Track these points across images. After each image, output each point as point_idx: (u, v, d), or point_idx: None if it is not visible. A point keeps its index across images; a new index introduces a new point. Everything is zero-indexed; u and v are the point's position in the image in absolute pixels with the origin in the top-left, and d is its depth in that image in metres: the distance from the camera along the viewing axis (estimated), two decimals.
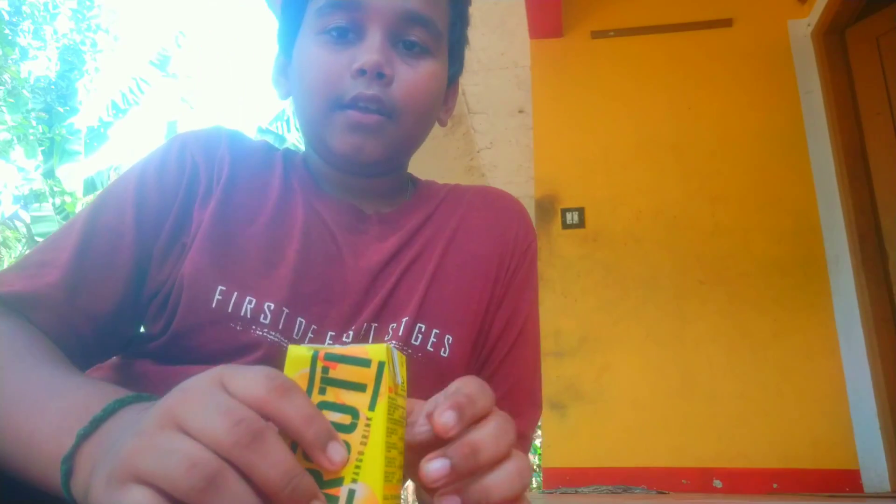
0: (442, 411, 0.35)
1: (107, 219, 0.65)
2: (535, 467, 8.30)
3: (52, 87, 10.36)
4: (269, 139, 8.30)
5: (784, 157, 2.81)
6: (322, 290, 0.66)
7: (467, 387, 0.38)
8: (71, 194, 8.67)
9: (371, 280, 0.68)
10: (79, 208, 8.62)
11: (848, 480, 2.40)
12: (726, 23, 3.02)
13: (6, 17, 10.88)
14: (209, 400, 0.33)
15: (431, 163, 4.19)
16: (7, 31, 10.57)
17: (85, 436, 0.40)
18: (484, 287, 0.72)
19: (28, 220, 8.88)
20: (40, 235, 8.35)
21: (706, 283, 2.72)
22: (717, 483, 2.48)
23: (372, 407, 0.35)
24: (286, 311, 0.63)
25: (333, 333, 0.65)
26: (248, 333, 0.62)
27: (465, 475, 0.35)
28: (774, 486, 2.44)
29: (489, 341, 0.73)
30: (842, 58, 2.80)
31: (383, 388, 0.35)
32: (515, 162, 4.54)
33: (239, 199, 0.68)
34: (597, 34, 3.13)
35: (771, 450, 2.48)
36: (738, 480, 2.46)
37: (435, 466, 0.34)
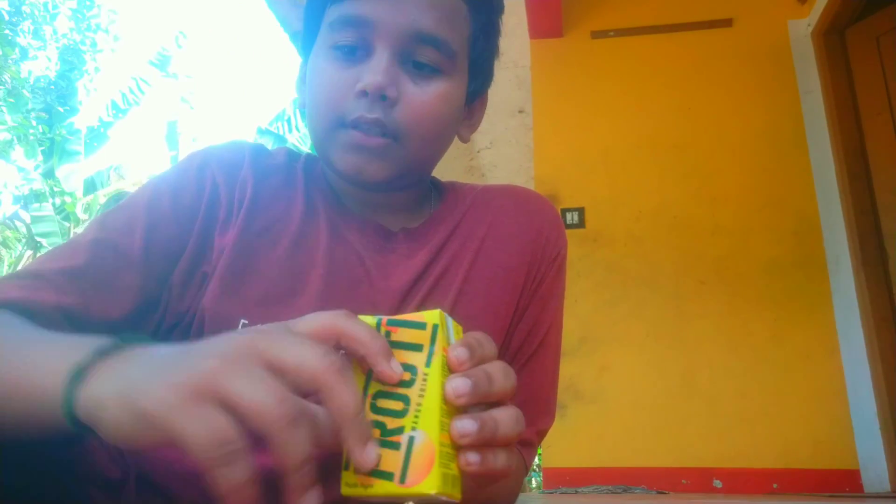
0: (455, 346, 0.40)
1: (114, 238, 0.62)
2: (535, 467, 8.29)
3: (52, 87, 10.36)
4: (269, 140, 8.29)
5: (784, 157, 2.81)
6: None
7: (475, 334, 0.42)
8: (71, 194, 8.67)
9: (401, 300, 0.66)
10: (79, 208, 8.63)
11: (848, 480, 2.40)
12: (726, 23, 3.02)
13: (6, 17, 10.89)
14: (293, 338, 0.36)
15: None
16: (7, 31, 10.57)
17: (102, 351, 0.39)
18: (511, 299, 0.71)
19: (28, 220, 8.89)
20: (40, 235, 8.36)
21: (706, 283, 2.72)
22: (717, 483, 2.48)
23: (428, 364, 0.39)
24: None
25: None
26: None
27: (482, 397, 0.39)
28: (774, 486, 2.44)
29: (510, 350, 0.72)
30: (842, 58, 2.80)
31: (437, 347, 0.39)
32: (515, 162, 4.54)
33: (261, 224, 0.66)
34: (597, 34, 3.13)
35: (771, 450, 2.48)
36: (738, 480, 2.46)
37: (458, 383, 0.38)
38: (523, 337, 0.72)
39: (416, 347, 0.40)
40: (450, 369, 0.40)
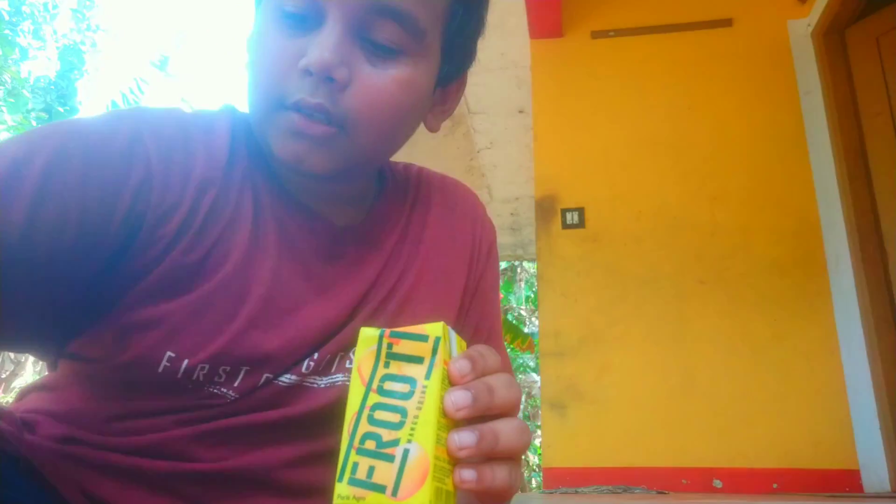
0: (457, 359, 0.39)
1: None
2: (535, 467, 8.29)
3: (52, 87, 10.36)
4: None
5: (784, 157, 2.81)
6: (290, 343, 0.58)
7: (478, 346, 0.42)
8: None
9: (348, 315, 0.61)
10: None
11: (848, 480, 2.40)
12: (726, 23, 3.02)
13: (6, 17, 10.88)
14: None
15: (431, 163, 4.14)
16: (7, 31, 10.57)
17: None
18: (454, 301, 0.69)
19: None
20: None
21: (706, 283, 2.72)
22: (717, 483, 2.48)
23: (428, 376, 0.39)
24: (245, 369, 0.56)
25: (296, 367, 0.59)
26: (200, 391, 0.55)
27: (482, 410, 0.38)
28: (774, 486, 2.44)
29: None
30: (842, 58, 2.80)
31: (438, 360, 0.39)
32: (515, 162, 4.54)
33: (206, 243, 0.55)
34: (597, 34, 3.13)
35: (771, 450, 2.48)
36: (738, 480, 2.46)
37: (458, 395, 0.38)
38: (471, 333, 0.71)
39: (417, 360, 0.39)
40: (451, 382, 0.39)
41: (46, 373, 0.64)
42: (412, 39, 0.55)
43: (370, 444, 0.37)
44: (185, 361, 0.53)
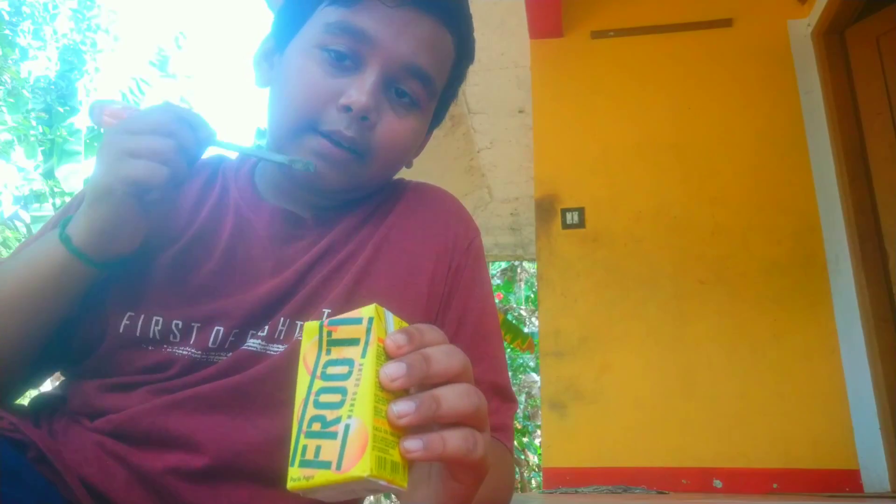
0: (392, 334, 0.41)
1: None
2: (535, 467, 8.29)
3: (52, 87, 10.36)
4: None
5: (784, 157, 2.81)
6: (240, 305, 0.65)
7: (419, 325, 0.43)
8: (71, 194, 8.66)
9: (296, 281, 0.67)
10: None
11: (848, 480, 2.40)
12: (726, 23, 3.02)
13: (6, 17, 10.89)
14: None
15: (431, 163, 4.19)
16: (7, 31, 10.57)
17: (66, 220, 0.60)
18: (420, 283, 0.70)
19: (28, 221, 8.88)
20: None
21: (706, 283, 2.72)
22: (717, 483, 2.48)
23: (364, 354, 0.40)
24: (196, 325, 0.64)
25: (253, 332, 0.65)
26: (159, 352, 0.63)
27: (419, 378, 0.39)
28: (774, 486, 2.44)
29: None
30: (842, 58, 2.80)
31: (373, 338, 0.40)
32: (515, 162, 4.54)
33: (168, 222, 0.68)
34: (597, 34, 3.13)
35: (771, 450, 2.48)
36: (738, 480, 2.47)
37: (391, 366, 0.39)
38: (455, 327, 0.72)
39: (354, 342, 0.41)
40: (388, 357, 0.40)
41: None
42: (427, 97, 0.69)
43: (316, 427, 0.38)
44: (142, 317, 0.63)
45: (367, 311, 0.41)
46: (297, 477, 0.38)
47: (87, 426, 0.61)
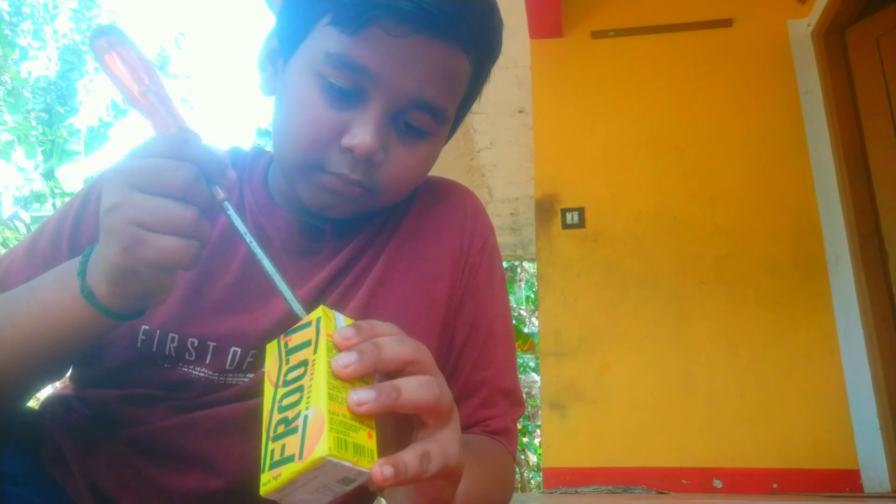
0: (341, 329, 0.42)
1: (44, 245, 0.65)
2: (535, 467, 8.29)
3: (52, 87, 10.36)
4: (269, 140, 8.31)
5: (784, 157, 2.81)
6: (257, 324, 0.63)
7: (371, 320, 0.44)
8: (71, 195, 8.66)
9: (315, 299, 0.64)
10: None
11: (848, 480, 2.40)
12: (726, 23, 3.02)
13: (6, 17, 10.89)
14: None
15: None
16: (7, 31, 10.57)
17: (86, 255, 0.51)
18: (438, 289, 0.68)
19: (28, 221, 8.89)
20: None
21: (706, 283, 2.72)
22: (717, 483, 2.48)
23: (315, 351, 0.41)
24: (212, 345, 0.62)
25: None
26: (175, 371, 0.61)
27: (372, 363, 0.40)
28: (774, 486, 2.44)
29: (455, 347, 0.69)
30: (842, 58, 2.80)
31: (322, 335, 0.42)
32: (515, 162, 4.54)
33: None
34: (597, 34, 3.13)
35: (771, 450, 2.48)
36: (738, 480, 2.46)
37: (343, 355, 0.40)
38: (467, 331, 0.70)
39: (307, 344, 0.42)
40: (338, 350, 0.42)
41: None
42: (438, 124, 0.63)
43: (281, 429, 0.39)
44: (157, 332, 0.61)
45: (314, 313, 0.43)
46: (267, 480, 0.38)
47: (107, 434, 0.61)
